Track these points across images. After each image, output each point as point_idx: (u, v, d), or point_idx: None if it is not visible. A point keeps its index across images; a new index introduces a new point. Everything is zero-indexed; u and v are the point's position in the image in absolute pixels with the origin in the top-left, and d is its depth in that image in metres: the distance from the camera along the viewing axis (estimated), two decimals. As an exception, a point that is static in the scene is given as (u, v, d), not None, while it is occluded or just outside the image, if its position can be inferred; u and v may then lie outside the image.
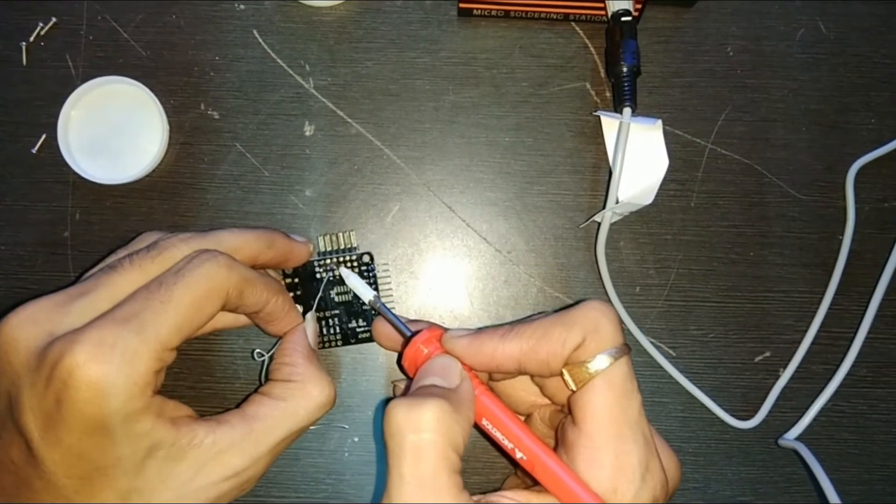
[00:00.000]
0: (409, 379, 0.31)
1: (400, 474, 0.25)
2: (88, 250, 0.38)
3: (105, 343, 0.26)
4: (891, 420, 0.39)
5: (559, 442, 0.29)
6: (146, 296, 0.28)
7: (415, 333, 0.32)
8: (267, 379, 0.34)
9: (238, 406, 0.32)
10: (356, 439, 0.38)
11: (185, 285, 0.29)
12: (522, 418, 0.34)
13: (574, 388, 0.28)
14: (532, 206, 0.39)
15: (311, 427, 0.33)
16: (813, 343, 0.39)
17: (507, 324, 0.30)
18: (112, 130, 0.38)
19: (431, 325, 0.33)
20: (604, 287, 0.38)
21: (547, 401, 0.32)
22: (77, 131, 0.38)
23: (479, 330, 0.30)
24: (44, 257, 0.38)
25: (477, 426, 0.29)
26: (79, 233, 0.38)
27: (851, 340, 0.38)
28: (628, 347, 0.28)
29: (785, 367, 0.39)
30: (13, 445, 0.27)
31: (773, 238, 0.39)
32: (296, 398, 0.32)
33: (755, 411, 0.38)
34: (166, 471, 0.28)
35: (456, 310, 0.39)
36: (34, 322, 0.28)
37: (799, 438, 0.38)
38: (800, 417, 0.38)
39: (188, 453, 0.29)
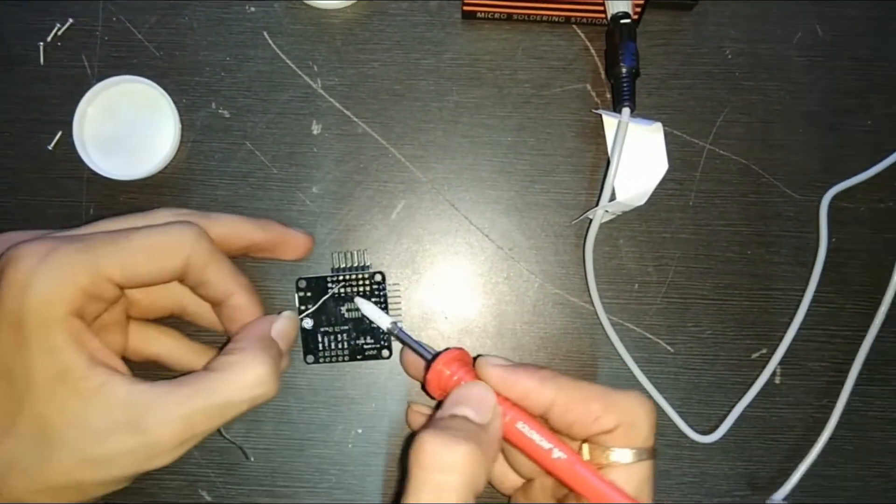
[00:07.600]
0: (435, 400, 0.32)
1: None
2: (102, 244, 0.39)
3: (43, 248, 0.28)
4: (885, 417, 0.39)
5: None
6: (105, 232, 0.30)
7: (436, 355, 0.31)
8: None
9: None
10: (360, 431, 0.39)
11: (144, 232, 0.30)
12: (523, 481, 0.33)
13: None
14: (533, 204, 0.40)
15: (308, 422, 0.35)
16: (808, 341, 0.39)
17: (547, 368, 0.30)
18: (126, 128, 0.39)
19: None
20: (587, 284, 0.38)
21: None
22: (92, 128, 0.39)
23: (517, 364, 0.30)
24: (58, 251, 0.39)
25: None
26: (93, 227, 0.39)
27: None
28: (655, 452, 0.29)
29: (781, 364, 0.39)
30: None
31: (769, 237, 0.40)
32: (225, 372, 0.30)
33: (751, 407, 0.39)
34: (73, 407, 0.28)
35: (458, 305, 0.39)
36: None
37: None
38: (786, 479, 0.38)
39: (98, 396, 0.28)
